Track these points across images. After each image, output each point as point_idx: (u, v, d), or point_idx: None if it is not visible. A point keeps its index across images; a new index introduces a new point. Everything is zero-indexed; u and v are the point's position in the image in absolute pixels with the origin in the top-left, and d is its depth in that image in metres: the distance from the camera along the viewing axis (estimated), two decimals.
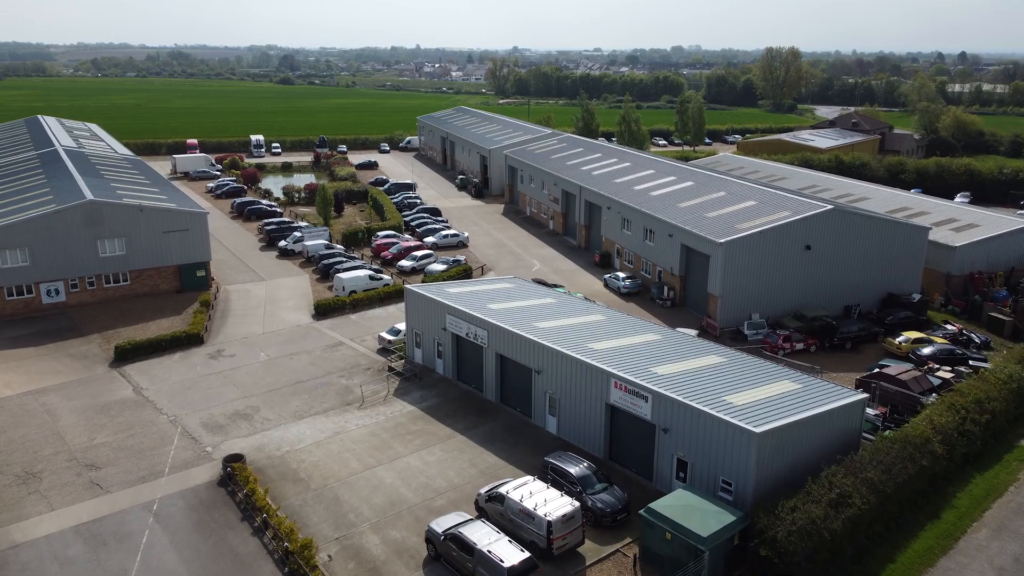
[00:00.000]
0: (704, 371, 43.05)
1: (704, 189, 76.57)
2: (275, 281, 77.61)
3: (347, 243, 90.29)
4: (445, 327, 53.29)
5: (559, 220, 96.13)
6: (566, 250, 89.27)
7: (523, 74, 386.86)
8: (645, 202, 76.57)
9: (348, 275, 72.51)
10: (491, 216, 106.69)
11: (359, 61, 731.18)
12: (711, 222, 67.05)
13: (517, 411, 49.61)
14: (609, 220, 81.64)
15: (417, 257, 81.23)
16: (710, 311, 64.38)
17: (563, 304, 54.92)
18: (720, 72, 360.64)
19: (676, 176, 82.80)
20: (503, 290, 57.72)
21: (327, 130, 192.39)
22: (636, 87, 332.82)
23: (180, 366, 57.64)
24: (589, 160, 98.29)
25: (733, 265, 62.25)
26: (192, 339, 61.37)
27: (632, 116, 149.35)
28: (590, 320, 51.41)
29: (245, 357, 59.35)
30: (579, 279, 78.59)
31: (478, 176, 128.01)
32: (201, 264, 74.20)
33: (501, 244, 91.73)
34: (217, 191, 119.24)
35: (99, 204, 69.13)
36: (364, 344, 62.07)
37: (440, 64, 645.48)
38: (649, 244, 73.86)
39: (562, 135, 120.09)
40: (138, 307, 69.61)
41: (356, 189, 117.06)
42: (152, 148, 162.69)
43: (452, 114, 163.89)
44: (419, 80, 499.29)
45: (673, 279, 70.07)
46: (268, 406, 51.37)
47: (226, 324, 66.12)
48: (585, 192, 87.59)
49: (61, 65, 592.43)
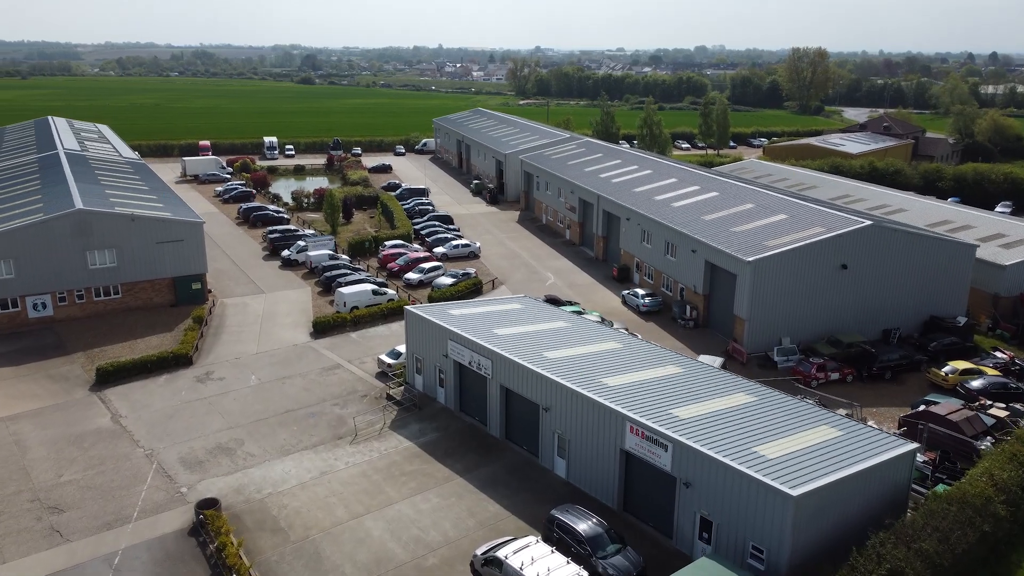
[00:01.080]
0: (732, 414, 38.33)
1: (730, 200, 71.64)
2: (275, 294, 73.70)
3: (353, 253, 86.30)
4: (447, 354, 48.95)
5: (576, 230, 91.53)
6: (582, 262, 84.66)
7: (544, 74, 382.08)
8: (667, 214, 71.79)
9: (350, 290, 68.40)
10: (505, 224, 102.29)
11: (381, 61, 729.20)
12: (738, 238, 62.18)
13: (523, 449, 45.17)
14: (628, 232, 76.93)
15: (425, 270, 77.00)
16: (736, 335, 59.51)
17: (576, 329, 50.36)
18: (745, 73, 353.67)
19: (700, 186, 77.91)
20: (511, 312, 53.28)
21: (344, 131, 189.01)
22: (659, 88, 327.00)
23: (164, 390, 53.77)
24: (608, 167, 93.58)
25: (762, 286, 57.38)
26: (180, 360, 57.51)
27: (654, 119, 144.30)
28: (605, 349, 46.82)
29: (235, 381, 55.38)
30: (595, 295, 73.95)
31: (493, 181, 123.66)
32: (196, 276, 70.44)
33: (514, 255, 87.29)
34: (225, 195, 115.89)
35: (88, 213, 65.56)
36: (363, 367, 57.90)
37: (461, 64, 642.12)
38: (670, 259, 69.08)
39: (581, 139, 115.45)
40: (129, 322, 65.96)
41: (367, 194, 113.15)
42: (164, 150, 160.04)
43: (469, 116, 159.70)
44: (440, 80, 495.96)
45: (696, 298, 65.25)
46: (253, 439, 47.29)
47: (219, 342, 62.24)
48: (603, 201, 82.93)
49: (87, 64, 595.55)
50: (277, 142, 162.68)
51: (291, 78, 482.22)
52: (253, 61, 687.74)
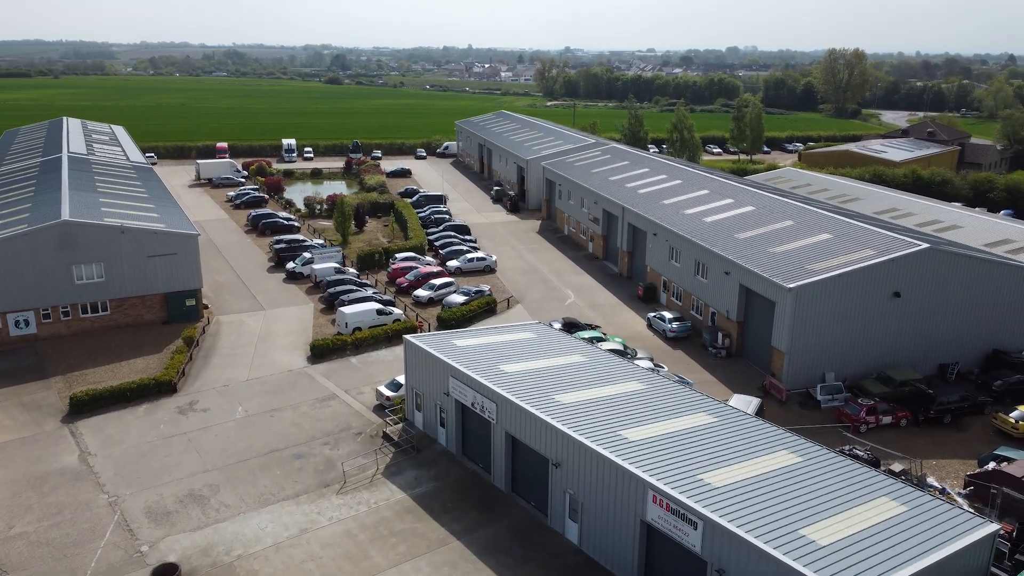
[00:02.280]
0: (773, 480, 32.57)
1: (768, 216, 65.57)
2: (275, 311, 68.95)
3: (362, 266, 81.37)
4: (448, 392, 43.65)
5: (599, 243, 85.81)
6: (605, 279, 78.92)
7: (572, 75, 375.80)
8: (697, 230, 65.91)
9: (352, 309, 63.39)
10: (525, 235, 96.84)
11: (410, 61, 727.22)
12: (777, 260, 56.15)
13: (531, 505, 39.74)
14: (655, 248, 71.12)
15: (435, 286, 71.81)
16: (774, 369, 53.52)
17: (593, 365, 44.79)
18: (778, 74, 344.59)
19: (734, 198, 71.83)
20: (522, 343, 47.83)
21: (366, 133, 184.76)
22: (689, 89, 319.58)
23: (142, 423, 49.09)
24: (635, 176, 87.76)
25: (804, 315, 51.36)
26: (163, 388, 52.84)
27: (685, 123, 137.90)
28: (626, 391, 41.21)
29: (219, 413, 50.56)
30: (619, 316, 68.24)
31: (514, 188, 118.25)
32: (191, 292, 65.91)
33: (533, 269, 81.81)
34: (236, 201, 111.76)
35: (74, 225, 61.24)
36: (360, 398, 52.82)
37: (490, 64, 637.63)
38: (701, 280, 63.19)
39: (606, 145, 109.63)
40: (116, 342, 61.56)
41: (382, 201, 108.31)
42: (181, 151, 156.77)
43: (491, 119, 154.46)
44: (467, 80, 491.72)
45: (729, 325, 59.33)
46: (231, 485, 42.36)
47: (208, 366, 57.54)
48: (628, 214, 77.16)
49: (121, 64, 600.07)
50: (296, 144, 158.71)
51: (319, 78, 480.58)
52: (283, 61, 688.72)
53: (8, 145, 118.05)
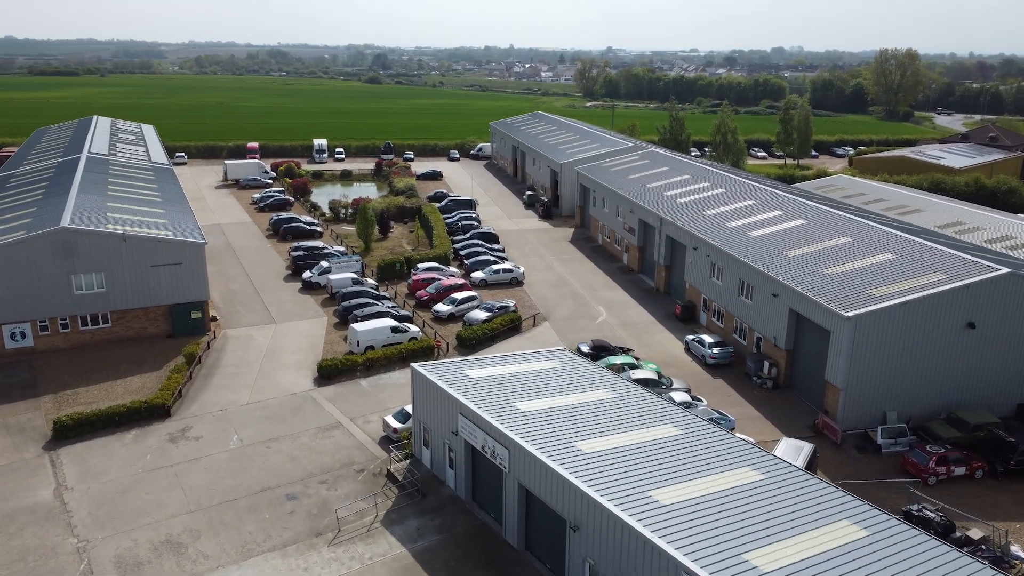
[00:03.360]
0: (834, 561, 27.08)
1: (821, 231, 59.55)
2: (286, 325, 64.85)
3: (382, 276, 77.01)
4: (456, 431, 38.80)
5: (634, 255, 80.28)
6: (640, 295, 73.38)
7: (613, 75, 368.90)
8: (742, 245, 60.16)
9: (364, 326, 58.92)
10: (557, 244, 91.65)
11: (451, 61, 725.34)
12: (832, 283, 50.22)
13: (547, 568, 34.66)
14: (695, 263, 65.48)
15: (457, 300, 67.07)
16: (828, 406, 47.68)
17: (621, 404, 39.54)
18: (826, 75, 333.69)
19: (783, 210, 65.84)
20: (543, 374, 42.77)
21: (401, 133, 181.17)
22: (733, 90, 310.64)
23: (128, 452, 45.13)
24: (674, 183, 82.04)
25: (864, 348, 45.48)
26: (155, 411, 48.88)
27: (729, 126, 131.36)
28: (659, 437, 35.93)
29: (212, 442, 46.39)
30: (653, 338, 62.75)
31: (547, 193, 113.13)
32: (197, 304, 62.10)
33: (563, 282, 76.60)
34: (261, 203, 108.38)
35: (73, 232, 57.74)
36: (367, 427, 48.28)
37: (530, 64, 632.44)
38: (745, 302, 57.46)
39: (645, 149, 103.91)
40: (115, 357, 57.93)
41: (408, 205, 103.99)
42: (212, 151, 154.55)
43: (526, 120, 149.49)
44: (507, 81, 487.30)
45: (777, 353, 53.53)
46: (213, 530, 38.03)
47: (207, 387, 53.50)
48: (666, 225, 71.56)
49: (169, 63, 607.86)
50: (327, 145, 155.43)
51: (359, 77, 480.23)
52: (325, 60, 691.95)
53: (34, 144, 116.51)
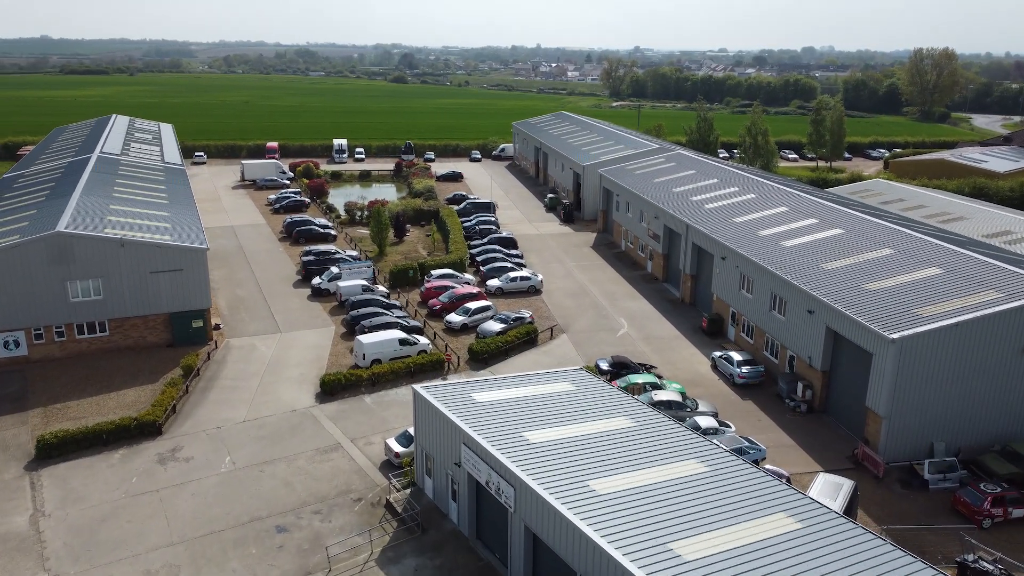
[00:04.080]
0: None
1: (860, 241, 55.40)
2: (291, 335, 61.97)
3: (394, 283, 73.94)
4: (460, 462, 35.47)
5: (659, 263, 76.42)
6: (665, 306, 69.55)
7: (640, 75, 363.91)
8: (774, 256, 56.18)
9: (371, 338, 55.81)
10: (578, 250, 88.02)
11: (478, 60, 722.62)
12: (874, 300, 46.17)
13: None
14: (723, 274, 61.59)
15: (470, 310, 63.76)
16: (869, 434, 43.68)
17: (642, 434, 35.95)
18: (859, 75, 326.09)
19: (818, 218, 61.69)
20: (556, 398, 39.28)
21: (423, 133, 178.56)
22: (763, 90, 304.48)
23: (113, 474, 42.37)
24: (702, 187, 78.08)
25: (910, 372, 41.46)
26: (145, 429, 46.12)
27: (759, 127, 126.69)
28: (683, 475, 32.32)
29: (203, 464, 43.50)
30: (678, 354, 58.96)
31: (569, 196, 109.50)
32: (198, 313, 59.39)
33: (583, 291, 73.00)
34: (276, 205, 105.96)
35: (68, 237, 55.26)
36: (368, 449, 45.14)
37: (557, 64, 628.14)
38: (778, 317, 53.51)
39: (671, 151, 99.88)
40: (112, 367, 55.37)
41: (426, 208, 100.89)
42: (232, 151, 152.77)
43: (550, 120, 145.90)
44: (533, 80, 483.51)
45: (811, 374, 49.55)
46: (194, 566, 35.04)
47: (204, 402, 50.69)
48: (693, 232, 67.69)
49: (198, 62, 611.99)
50: (347, 145, 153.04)
51: (385, 77, 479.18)
52: (352, 59, 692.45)
53: (50, 143, 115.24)
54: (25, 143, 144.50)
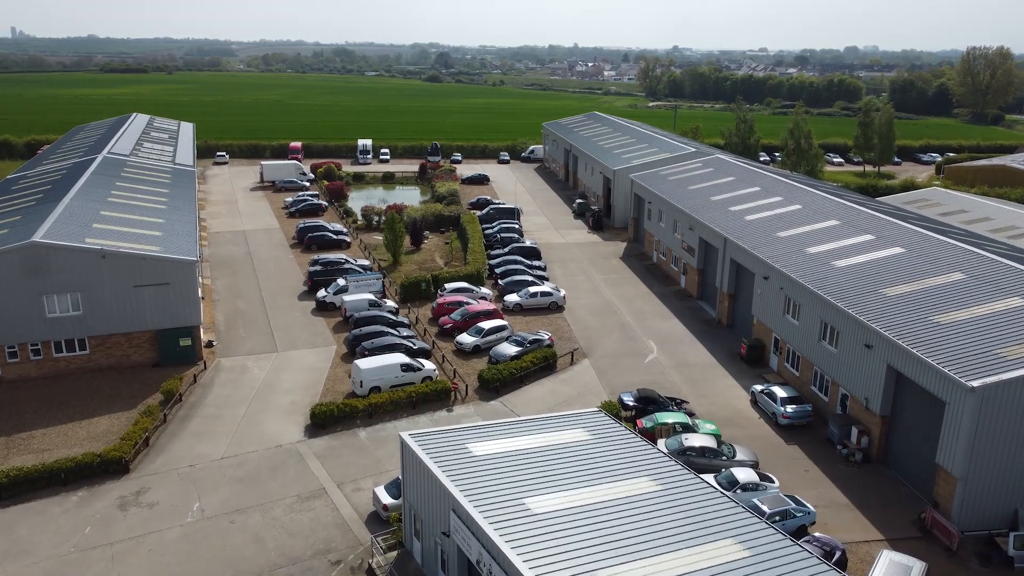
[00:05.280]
0: None
1: (925, 263, 48.58)
2: (288, 355, 56.88)
3: (406, 296, 68.59)
4: (448, 531, 29.79)
5: (693, 278, 70.04)
6: (698, 327, 63.14)
7: (677, 74, 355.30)
8: (826, 278, 49.59)
9: (370, 363, 50.39)
10: (606, 261, 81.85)
11: (515, 60, 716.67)
12: (945, 335, 39.50)
13: None
14: (766, 295, 55.13)
15: (483, 330, 58.06)
16: (939, 496, 37.09)
17: (667, 504, 29.94)
18: (906, 75, 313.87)
19: (875, 234, 54.89)
20: (568, 452, 33.41)
21: (452, 133, 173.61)
22: (805, 91, 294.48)
23: (68, 521, 37.47)
24: (742, 196, 71.49)
25: (993, 427, 34.84)
26: (110, 467, 41.22)
27: (803, 129, 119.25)
28: (716, 563, 26.24)
29: (168, 511, 38.41)
30: (713, 385, 52.61)
31: (599, 202, 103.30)
32: (186, 330, 54.54)
33: (610, 309, 66.90)
34: (292, 208, 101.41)
35: (44, 248, 50.72)
36: (355, 497, 39.71)
37: (593, 63, 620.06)
38: (829, 348, 46.96)
39: (709, 155, 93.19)
40: (89, 389, 50.78)
41: (446, 213, 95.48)
42: (255, 151, 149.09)
43: (581, 121, 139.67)
44: (568, 80, 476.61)
45: (868, 418, 42.98)
46: None
47: (181, 433, 45.72)
48: (732, 247, 61.27)
49: (238, 61, 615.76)
50: (371, 145, 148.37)
51: (420, 76, 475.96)
52: (389, 59, 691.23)
53: (64, 143, 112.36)
54: (48, 141, 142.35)
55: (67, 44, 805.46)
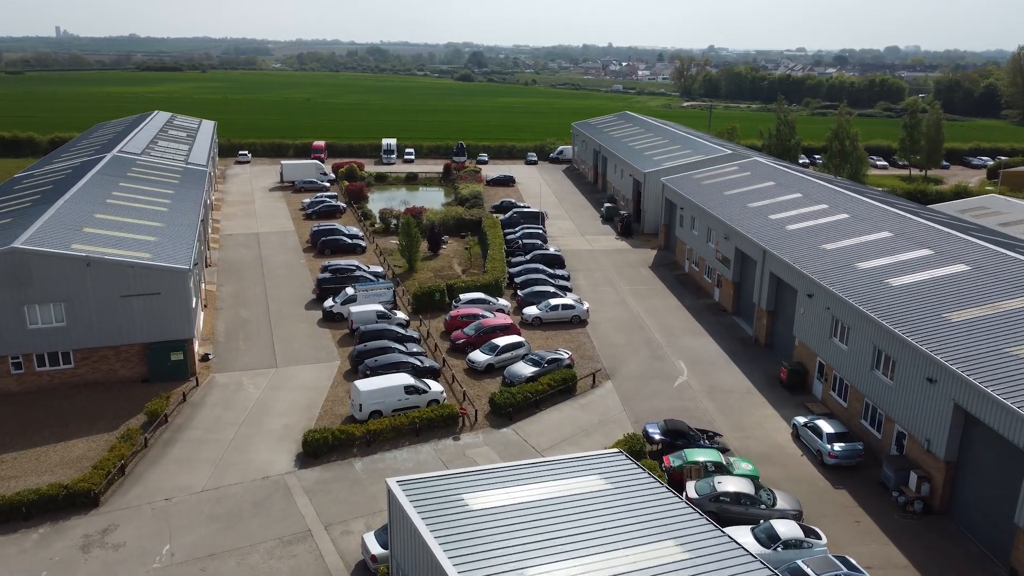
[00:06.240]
0: None
1: (995, 283, 42.97)
2: (288, 371, 52.83)
3: (419, 307, 64.30)
4: None
5: (728, 291, 64.77)
6: (733, 346, 57.89)
7: (713, 74, 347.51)
8: (880, 298, 44.19)
9: (370, 384, 46.03)
10: (634, 270, 76.81)
11: (548, 59, 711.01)
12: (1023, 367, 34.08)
13: None
14: (809, 315, 49.80)
15: (498, 348, 53.44)
16: (1017, 563, 31.68)
17: (694, 572, 25.08)
18: (952, 76, 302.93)
19: (934, 249, 49.26)
20: (581, 505, 28.67)
21: (480, 133, 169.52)
22: (845, 91, 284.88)
23: (23, 563, 33.62)
24: (782, 203, 66.08)
25: None
26: (78, 499, 37.36)
27: (847, 131, 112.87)
28: None
29: (134, 554, 34.38)
30: (749, 415, 47.44)
31: (628, 207, 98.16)
32: (178, 344, 50.70)
33: (636, 324, 61.92)
34: (309, 210, 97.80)
35: (25, 254, 47.17)
36: (344, 541, 35.37)
37: (627, 63, 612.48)
38: (883, 379, 41.59)
39: (746, 158, 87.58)
40: (70, 407, 47.14)
41: (467, 217, 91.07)
42: (278, 149, 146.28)
43: (612, 121, 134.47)
44: (602, 79, 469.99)
45: (931, 463, 37.60)
46: None
47: (162, 460, 41.81)
48: (771, 259, 55.96)
49: (273, 60, 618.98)
50: (396, 145, 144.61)
51: (452, 75, 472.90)
52: (423, 58, 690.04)
53: (80, 140, 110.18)
54: (71, 139, 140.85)
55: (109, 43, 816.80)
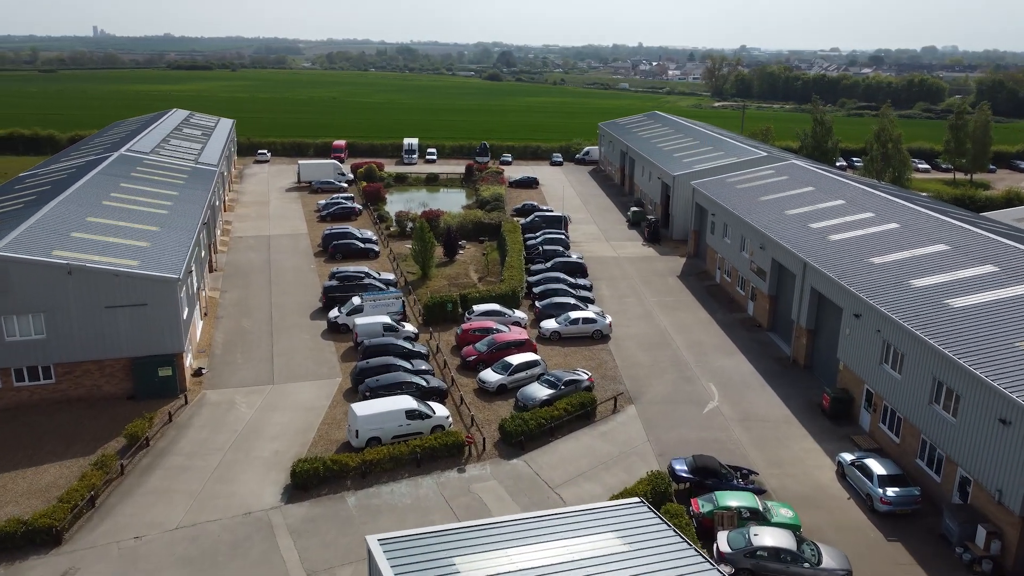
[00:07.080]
0: None
1: None
2: (284, 388, 49.01)
3: (429, 318, 60.24)
4: None
5: (763, 305, 59.88)
6: (770, 367, 53.02)
7: (745, 74, 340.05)
8: (939, 321, 39.20)
9: (368, 408, 41.96)
10: (661, 279, 72.10)
11: (578, 59, 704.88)
12: None
13: None
14: (856, 337, 44.85)
15: (511, 366, 49.13)
16: None
17: None
18: (995, 76, 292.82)
19: (999, 265, 44.07)
20: (588, 570, 24.28)
21: (506, 133, 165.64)
22: (883, 92, 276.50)
23: None
24: (823, 210, 61.02)
25: None
26: (38, 536, 33.72)
27: (891, 132, 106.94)
28: None
29: None
30: (788, 449, 42.63)
31: (656, 211, 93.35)
32: (166, 358, 47.09)
33: (663, 340, 57.26)
34: (323, 212, 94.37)
35: (2, 262, 43.79)
36: None
37: (658, 63, 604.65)
38: (944, 416, 36.64)
39: (782, 161, 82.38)
40: (48, 427, 43.72)
41: (487, 220, 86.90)
42: (299, 149, 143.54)
43: (640, 121, 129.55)
44: (631, 79, 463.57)
45: (1003, 516, 32.61)
46: None
47: (138, 489, 38.11)
48: (812, 273, 51.02)
49: (303, 59, 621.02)
50: (417, 144, 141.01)
51: (480, 74, 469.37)
52: (452, 57, 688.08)
53: (94, 138, 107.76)
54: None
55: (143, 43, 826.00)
